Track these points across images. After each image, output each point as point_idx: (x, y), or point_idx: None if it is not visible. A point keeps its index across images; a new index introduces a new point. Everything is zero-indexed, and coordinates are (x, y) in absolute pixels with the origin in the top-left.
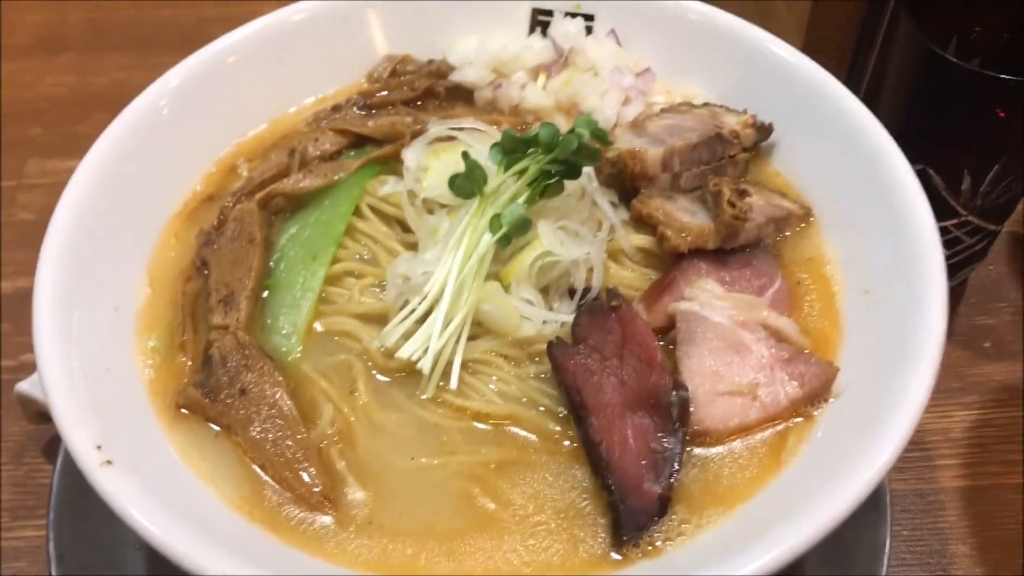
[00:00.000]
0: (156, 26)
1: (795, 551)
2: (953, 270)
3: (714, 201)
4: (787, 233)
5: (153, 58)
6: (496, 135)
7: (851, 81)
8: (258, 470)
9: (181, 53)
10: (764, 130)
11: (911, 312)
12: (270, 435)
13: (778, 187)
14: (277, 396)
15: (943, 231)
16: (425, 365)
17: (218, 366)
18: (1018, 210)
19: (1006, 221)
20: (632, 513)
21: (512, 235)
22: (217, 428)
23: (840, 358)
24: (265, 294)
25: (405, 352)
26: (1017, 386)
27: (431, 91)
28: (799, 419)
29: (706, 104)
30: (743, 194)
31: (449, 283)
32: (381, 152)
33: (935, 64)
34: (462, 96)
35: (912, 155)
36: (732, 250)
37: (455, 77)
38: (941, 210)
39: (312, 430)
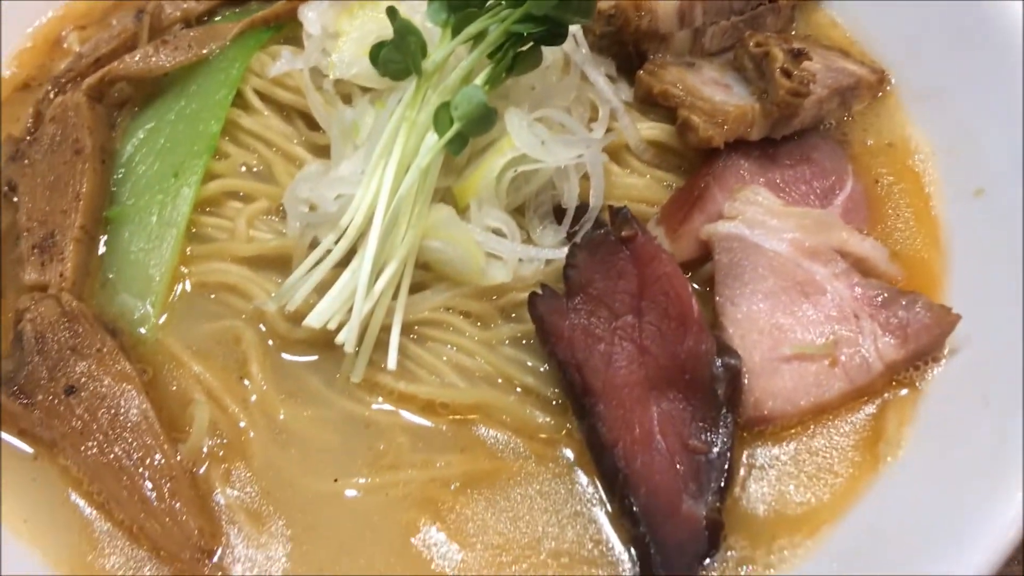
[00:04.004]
0: None
1: None
2: None
3: (757, 69)
4: (855, 109)
5: None
6: None
7: None
8: (98, 514)
9: None
10: None
11: None
12: (115, 457)
13: (836, 43)
14: (124, 394)
15: None
16: (348, 338)
17: (32, 349)
18: None
19: None
20: (668, 552)
21: (469, 133)
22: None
23: (947, 295)
24: (104, 235)
25: (318, 318)
26: None
27: None
28: (900, 391)
29: None
30: (800, 56)
31: (378, 212)
32: (271, 10)
33: None
34: None
35: None
36: (782, 139)
37: None
38: None
39: (182, 444)
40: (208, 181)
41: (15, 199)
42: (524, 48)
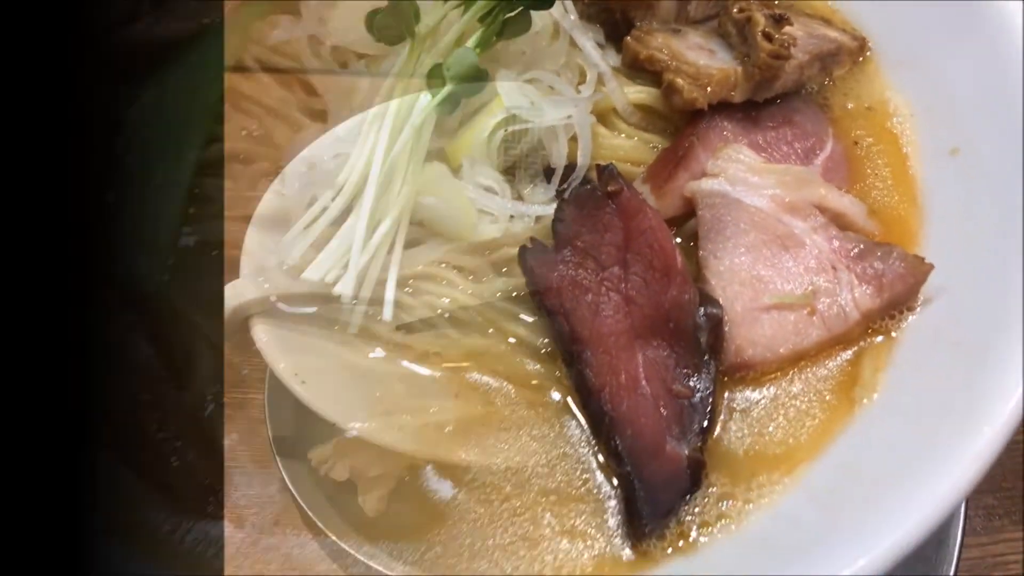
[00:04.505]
0: None
1: (901, 545)
2: None
3: (740, 34)
4: (836, 74)
5: None
6: None
7: None
8: None
9: None
10: None
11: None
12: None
13: (818, 12)
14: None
15: None
16: (345, 289)
17: None
18: None
19: None
20: (652, 489)
21: (461, 94)
22: None
23: (923, 249)
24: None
25: (316, 271)
26: None
27: None
28: (875, 339)
29: None
30: (781, 21)
31: (373, 169)
32: None
33: None
34: None
35: None
36: (764, 103)
37: None
38: None
39: (187, 391)
40: (209, 145)
41: None
42: (513, 13)
